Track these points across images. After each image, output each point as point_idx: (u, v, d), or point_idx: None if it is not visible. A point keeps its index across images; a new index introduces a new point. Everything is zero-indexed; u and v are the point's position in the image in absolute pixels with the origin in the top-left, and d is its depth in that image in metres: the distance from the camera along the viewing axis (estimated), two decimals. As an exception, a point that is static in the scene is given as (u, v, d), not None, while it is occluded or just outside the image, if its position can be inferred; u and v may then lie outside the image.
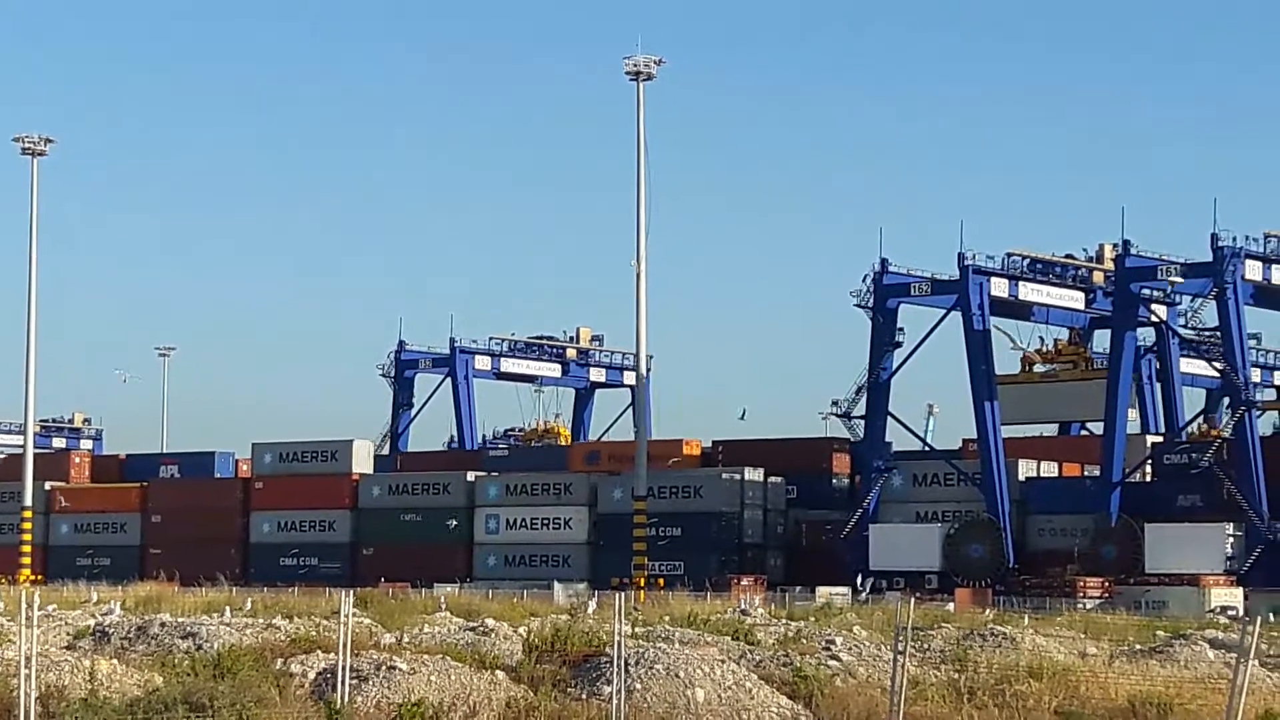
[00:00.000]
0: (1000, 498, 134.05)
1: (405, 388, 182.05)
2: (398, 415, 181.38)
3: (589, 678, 41.93)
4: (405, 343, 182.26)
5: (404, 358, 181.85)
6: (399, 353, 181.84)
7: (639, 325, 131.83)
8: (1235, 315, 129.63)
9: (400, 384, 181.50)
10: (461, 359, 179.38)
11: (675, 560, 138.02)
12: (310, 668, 42.07)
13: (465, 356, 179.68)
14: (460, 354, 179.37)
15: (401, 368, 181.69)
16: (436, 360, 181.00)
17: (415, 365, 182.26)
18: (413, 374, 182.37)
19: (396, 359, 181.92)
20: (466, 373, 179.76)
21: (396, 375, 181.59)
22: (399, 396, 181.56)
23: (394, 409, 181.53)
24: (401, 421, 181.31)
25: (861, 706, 41.63)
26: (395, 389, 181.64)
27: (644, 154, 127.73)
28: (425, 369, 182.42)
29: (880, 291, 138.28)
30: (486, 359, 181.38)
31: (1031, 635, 59.57)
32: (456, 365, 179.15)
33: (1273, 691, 47.69)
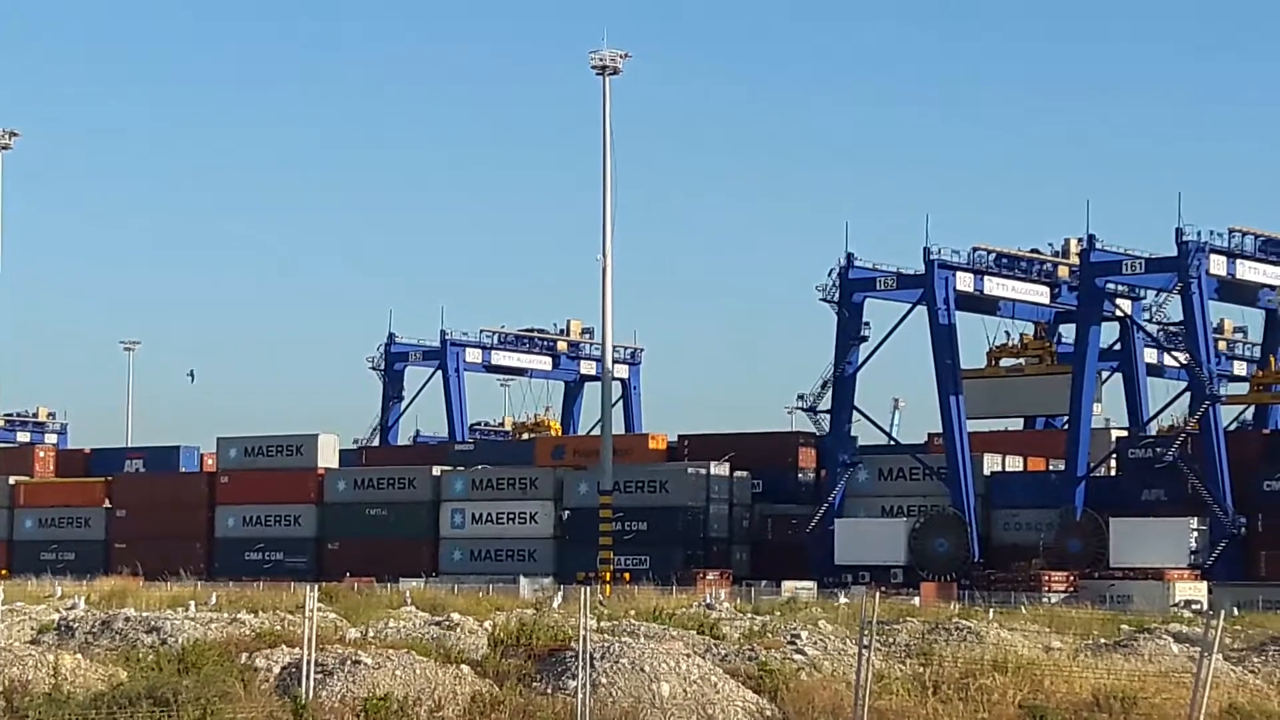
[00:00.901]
0: (965, 492, 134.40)
1: (395, 380, 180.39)
2: (387, 408, 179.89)
3: (554, 672, 41.90)
4: (395, 335, 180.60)
5: (394, 350, 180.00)
6: (389, 345, 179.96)
7: (604, 320, 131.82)
8: (1200, 310, 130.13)
9: (390, 377, 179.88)
10: (452, 352, 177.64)
11: (641, 554, 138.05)
12: (275, 662, 41.94)
13: (456, 349, 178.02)
14: (451, 347, 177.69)
15: (391, 360, 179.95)
16: (427, 353, 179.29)
17: (405, 358, 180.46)
18: (402, 367, 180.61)
19: (386, 352, 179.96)
20: (457, 365, 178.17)
21: (386, 368, 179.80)
22: (388, 389, 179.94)
23: (383, 402, 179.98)
24: (391, 415, 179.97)
25: (826, 700, 41.67)
26: (385, 382, 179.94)
27: (609, 149, 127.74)
28: (415, 362, 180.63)
29: (846, 286, 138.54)
30: (477, 351, 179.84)
31: (996, 629, 59.67)
32: (447, 358, 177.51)
33: (1236, 685, 47.90)
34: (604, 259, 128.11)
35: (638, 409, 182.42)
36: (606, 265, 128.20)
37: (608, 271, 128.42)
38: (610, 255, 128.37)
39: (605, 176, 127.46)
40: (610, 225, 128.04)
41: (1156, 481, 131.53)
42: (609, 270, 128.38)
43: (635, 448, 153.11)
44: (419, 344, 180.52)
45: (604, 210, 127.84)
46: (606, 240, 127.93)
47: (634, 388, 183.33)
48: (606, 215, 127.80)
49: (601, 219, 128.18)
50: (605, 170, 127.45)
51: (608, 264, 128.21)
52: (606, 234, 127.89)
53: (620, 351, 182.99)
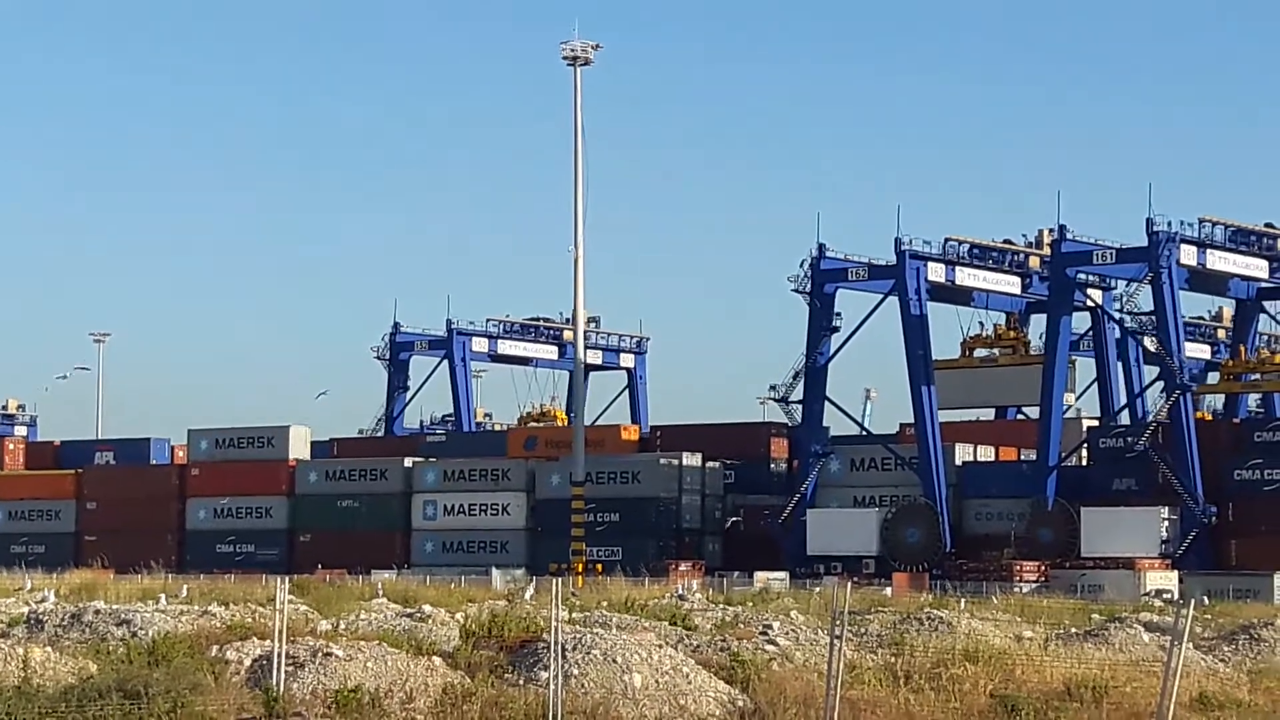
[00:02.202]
0: (937, 482, 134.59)
1: (400, 370, 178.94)
2: (393, 398, 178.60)
3: (526, 663, 41.86)
4: (400, 325, 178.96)
5: (399, 340, 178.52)
6: (394, 335, 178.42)
7: (576, 310, 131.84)
8: (1170, 300, 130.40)
9: (395, 366, 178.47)
10: (459, 341, 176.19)
11: (613, 546, 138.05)
12: (246, 655, 41.83)
13: (462, 338, 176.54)
14: (457, 336, 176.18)
15: (396, 350, 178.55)
16: (433, 342, 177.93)
17: (411, 348, 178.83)
18: (408, 356, 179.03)
19: (391, 341, 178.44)
20: (464, 355, 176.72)
21: (391, 358, 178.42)
22: (394, 379, 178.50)
23: (389, 392, 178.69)
24: (397, 404, 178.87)
25: (798, 690, 41.68)
26: (390, 371, 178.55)
27: (580, 140, 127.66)
28: (421, 351, 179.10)
29: (817, 276, 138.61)
30: (483, 341, 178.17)
31: (968, 619, 59.78)
32: (454, 347, 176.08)
33: (1206, 674, 48.04)
34: (575, 250, 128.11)
35: (644, 398, 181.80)
36: (578, 256, 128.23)
37: (579, 263, 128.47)
38: (582, 246, 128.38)
39: (576, 168, 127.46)
40: (582, 217, 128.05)
41: (1127, 471, 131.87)
42: (580, 261, 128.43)
43: (607, 439, 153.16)
44: (424, 333, 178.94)
45: (575, 202, 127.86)
46: (578, 232, 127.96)
47: (640, 377, 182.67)
48: (578, 207, 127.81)
49: (573, 211, 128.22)
50: (576, 162, 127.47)
51: (579, 255, 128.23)
52: (578, 226, 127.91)
53: (626, 341, 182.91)
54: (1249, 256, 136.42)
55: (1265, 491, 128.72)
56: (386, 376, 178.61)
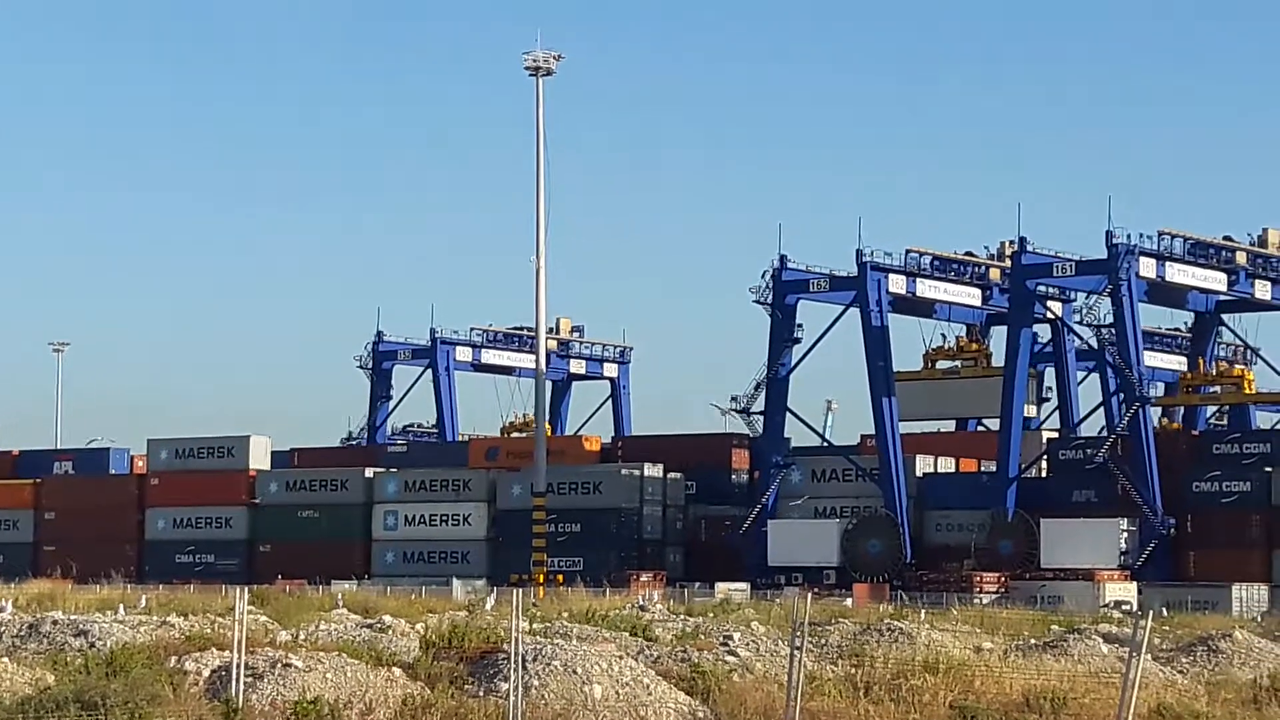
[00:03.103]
0: (898, 493, 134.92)
1: (383, 379, 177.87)
2: (375, 407, 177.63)
3: (486, 674, 41.80)
4: (383, 333, 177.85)
5: (382, 349, 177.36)
6: (377, 344, 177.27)
7: (538, 320, 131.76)
8: (1130, 312, 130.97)
9: (378, 375, 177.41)
10: (442, 350, 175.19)
11: (575, 556, 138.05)
12: (205, 665, 41.69)
13: (446, 348, 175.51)
14: (441, 345, 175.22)
15: (379, 359, 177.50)
16: (416, 351, 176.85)
17: (394, 356, 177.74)
18: (390, 365, 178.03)
19: (374, 350, 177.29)
20: (448, 364, 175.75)
21: (374, 367, 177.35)
22: (377, 388, 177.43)
23: (371, 401, 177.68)
24: (380, 414, 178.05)
25: (759, 701, 41.70)
26: (373, 380, 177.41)
27: (543, 150, 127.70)
28: (404, 360, 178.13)
29: (779, 288, 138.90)
30: (467, 350, 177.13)
31: (928, 630, 59.93)
32: (437, 356, 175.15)
33: (1165, 685, 48.20)
34: (537, 260, 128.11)
35: (627, 408, 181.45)
36: (540, 266, 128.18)
37: (541, 272, 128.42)
38: (544, 257, 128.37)
39: (538, 179, 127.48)
40: (544, 227, 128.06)
41: (1087, 483, 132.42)
42: (543, 271, 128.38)
43: (569, 449, 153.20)
44: (407, 342, 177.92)
45: (537, 212, 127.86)
46: (540, 241, 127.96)
47: (623, 387, 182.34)
48: (540, 217, 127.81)
49: (535, 220, 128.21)
50: (538, 172, 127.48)
51: (541, 265, 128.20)
52: (540, 235, 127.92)
53: (609, 350, 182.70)
54: (1208, 269, 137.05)
55: (1223, 504, 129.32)
56: (370, 386, 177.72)
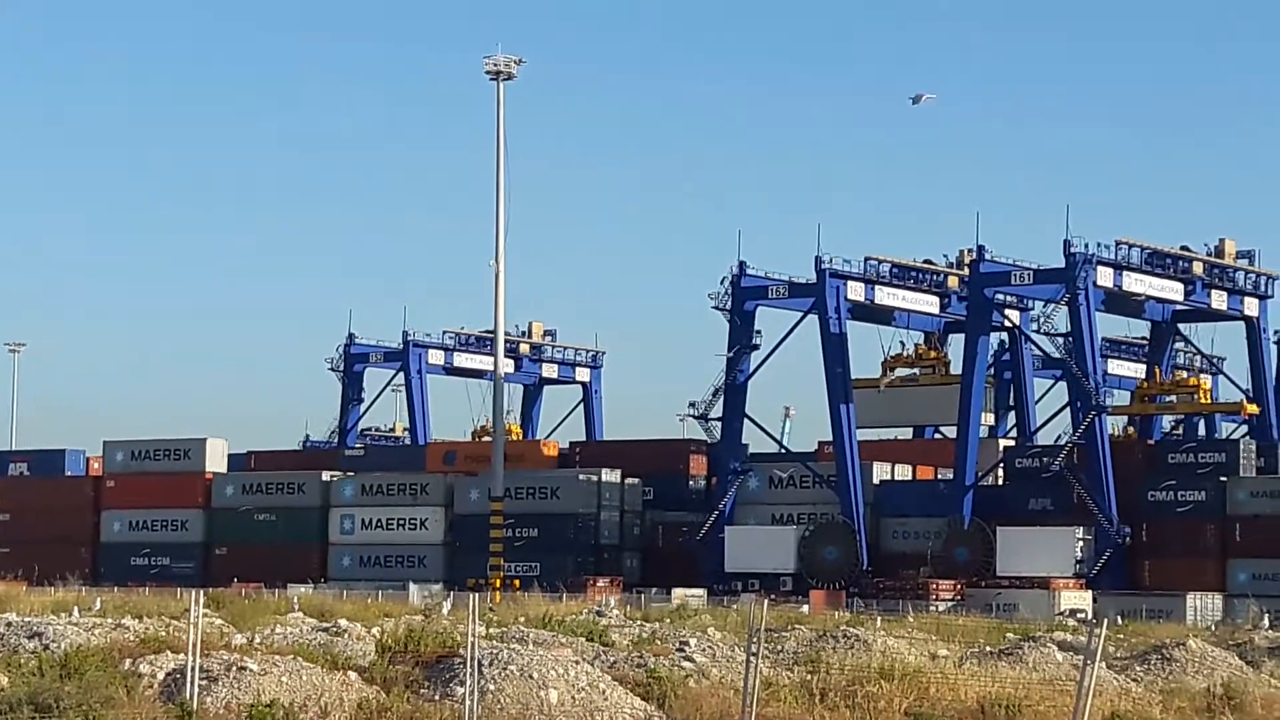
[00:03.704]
0: (855, 500, 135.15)
1: (354, 382, 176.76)
2: (346, 410, 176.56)
3: (442, 679, 41.73)
4: (355, 336, 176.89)
5: (353, 351, 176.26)
6: (348, 346, 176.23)
7: (496, 324, 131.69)
8: (1087, 321, 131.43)
9: (349, 378, 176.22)
10: (415, 353, 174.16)
11: (532, 561, 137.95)
12: (160, 668, 41.51)
13: (418, 351, 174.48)
14: (413, 348, 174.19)
15: (351, 362, 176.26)
16: (388, 354, 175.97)
17: (365, 359, 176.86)
18: (362, 368, 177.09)
19: (346, 353, 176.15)
20: (419, 367, 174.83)
21: (346, 369, 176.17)
22: (348, 391, 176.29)
23: (342, 404, 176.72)
24: (351, 417, 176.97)
25: (714, 707, 41.71)
26: (344, 383, 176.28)
27: (503, 154, 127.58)
28: (376, 363, 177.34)
29: (738, 294, 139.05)
30: (439, 353, 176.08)
31: (884, 637, 60.00)
32: (410, 359, 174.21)
33: (1119, 693, 48.35)
34: (497, 264, 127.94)
35: (599, 413, 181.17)
36: (500, 270, 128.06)
37: (500, 276, 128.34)
38: (504, 260, 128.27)
39: (499, 182, 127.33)
40: (504, 231, 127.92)
41: (1043, 491, 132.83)
42: (502, 275, 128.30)
43: (527, 454, 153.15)
44: (379, 345, 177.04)
45: (497, 216, 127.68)
46: (500, 246, 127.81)
47: (595, 392, 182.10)
48: (500, 221, 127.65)
49: (495, 226, 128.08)
50: (499, 177, 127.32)
51: (501, 269, 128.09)
52: (500, 240, 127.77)
53: (582, 355, 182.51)
54: (1165, 279, 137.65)
55: (1178, 513, 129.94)
56: (341, 389, 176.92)
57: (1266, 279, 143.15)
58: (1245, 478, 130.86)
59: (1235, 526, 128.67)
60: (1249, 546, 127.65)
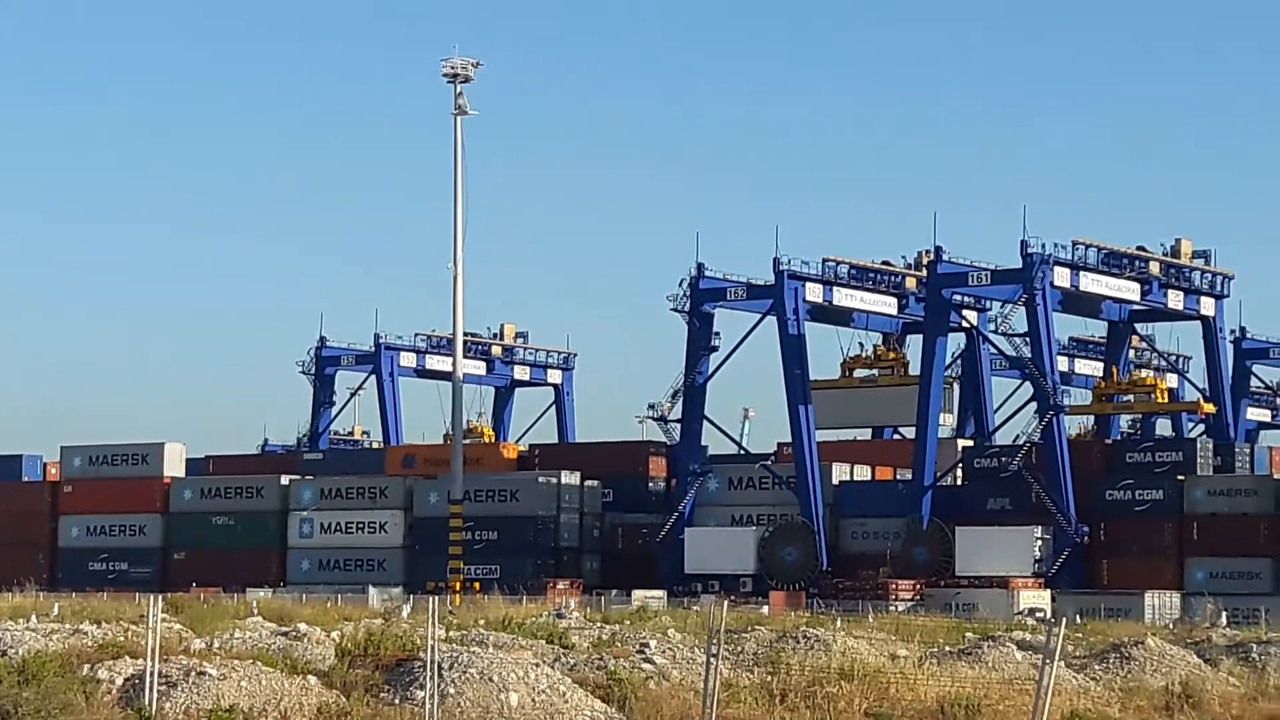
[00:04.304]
0: (814, 501, 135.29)
1: (326, 385, 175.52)
2: (318, 414, 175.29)
3: (402, 682, 41.69)
4: (326, 339, 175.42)
5: (325, 354, 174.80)
6: (319, 349, 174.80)
7: (455, 327, 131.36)
8: (1044, 321, 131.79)
9: (321, 381, 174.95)
10: (386, 356, 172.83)
11: (492, 564, 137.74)
12: (118, 674, 41.39)
13: (390, 353, 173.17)
14: (385, 350, 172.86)
15: (322, 365, 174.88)
16: (360, 357, 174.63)
17: (336, 362, 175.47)
18: (333, 371, 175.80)
19: (317, 356, 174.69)
20: (391, 370, 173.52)
21: (317, 372, 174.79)
22: (319, 394, 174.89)
23: (314, 407, 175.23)
24: (322, 420, 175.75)
25: (674, 709, 41.77)
26: (315, 386, 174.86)
27: (460, 158, 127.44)
28: (348, 366, 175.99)
29: (696, 296, 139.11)
30: (411, 356, 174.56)
31: (843, 638, 60.15)
32: (381, 362, 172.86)
33: (1077, 692, 48.53)
34: (455, 267, 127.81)
35: (571, 415, 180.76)
36: (458, 274, 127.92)
37: (459, 280, 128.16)
38: (462, 264, 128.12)
39: (456, 186, 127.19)
40: (462, 236, 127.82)
41: (1002, 491, 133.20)
42: (460, 279, 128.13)
43: (486, 457, 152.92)
44: (350, 348, 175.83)
45: (455, 221, 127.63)
46: (458, 250, 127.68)
47: (567, 394, 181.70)
48: (458, 226, 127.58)
49: (453, 230, 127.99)
50: (456, 180, 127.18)
51: (459, 272, 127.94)
52: (458, 244, 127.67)
53: (554, 356, 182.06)
54: (1121, 279, 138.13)
55: (1136, 512, 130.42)
56: (312, 391, 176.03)
57: (1222, 279, 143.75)
58: (1202, 477, 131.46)
59: (1193, 525, 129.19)
60: (1206, 545, 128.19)
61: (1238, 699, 50.41)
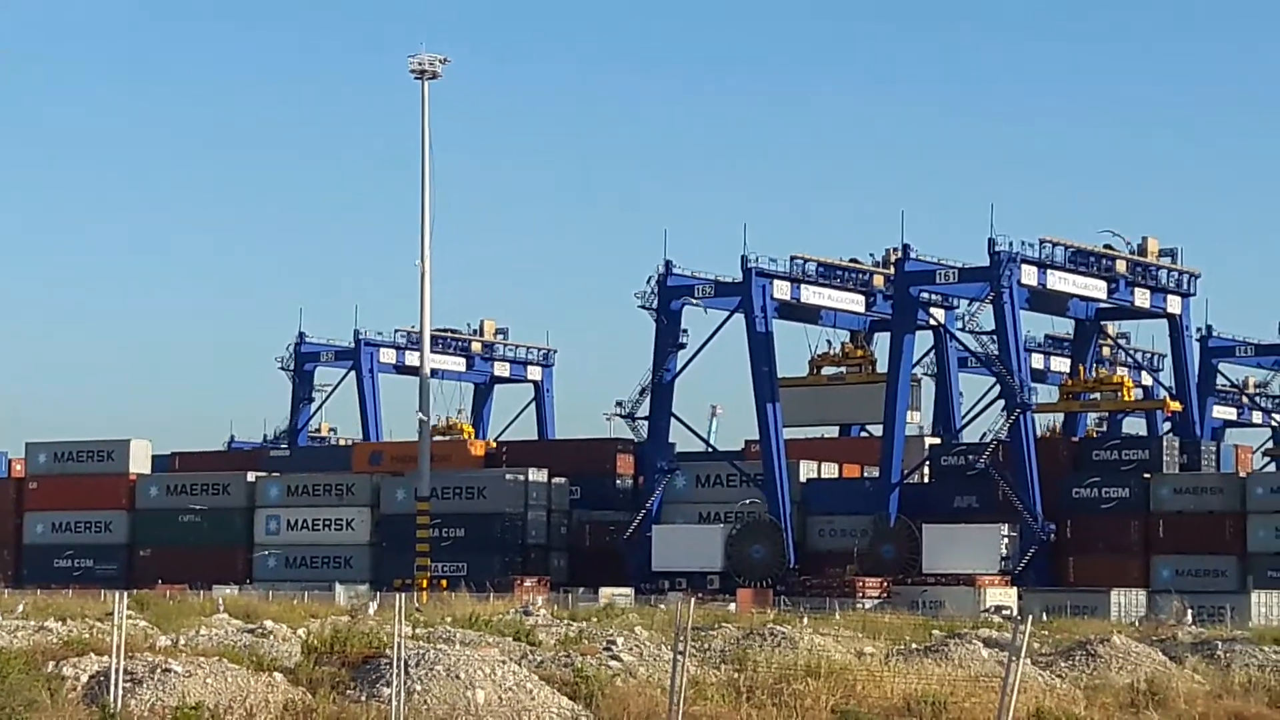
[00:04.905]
0: (781, 499, 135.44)
1: (305, 381, 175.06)
2: (297, 410, 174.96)
3: (369, 679, 41.60)
4: (305, 335, 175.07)
5: (304, 350, 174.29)
6: (299, 345, 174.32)
7: (423, 324, 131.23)
8: (1011, 319, 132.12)
9: (300, 377, 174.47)
10: (366, 351, 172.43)
11: (459, 561, 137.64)
12: (83, 671, 41.23)
13: (370, 349, 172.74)
14: (365, 346, 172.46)
15: (301, 360, 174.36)
16: (339, 353, 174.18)
17: (316, 358, 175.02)
18: (313, 367, 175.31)
19: (296, 351, 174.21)
20: (371, 366, 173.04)
21: (296, 368, 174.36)
22: (298, 390, 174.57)
23: (293, 403, 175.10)
24: (301, 416, 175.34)
25: (642, 706, 41.74)
26: (295, 382, 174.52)
27: (429, 153, 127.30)
28: (327, 362, 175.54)
29: (664, 293, 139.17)
30: (391, 351, 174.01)
31: (810, 635, 60.18)
32: (361, 358, 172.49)
33: (1044, 689, 48.60)
34: (422, 264, 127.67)
35: (551, 412, 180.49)
36: (425, 270, 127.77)
37: (426, 276, 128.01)
38: (429, 260, 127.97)
39: (424, 181, 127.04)
40: (429, 231, 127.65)
41: (969, 488, 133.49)
42: (428, 275, 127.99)
43: (454, 453, 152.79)
44: (330, 344, 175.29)
45: (422, 216, 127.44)
46: (425, 245, 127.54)
47: (547, 390, 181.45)
48: (425, 220, 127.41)
49: (420, 225, 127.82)
50: (424, 176, 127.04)
51: (426, 268, 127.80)
52: (425, 238, 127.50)
53: (534, 353, 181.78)
54: (1088, 277, 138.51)
55: (1102, 509, 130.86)
56: (292, 388, 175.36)
57: (1189, 277, 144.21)
58: (1168, 475, 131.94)
59: (1159, 523, 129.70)
60: (1172, 543, 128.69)
61: (1203, 696, 50.56)
